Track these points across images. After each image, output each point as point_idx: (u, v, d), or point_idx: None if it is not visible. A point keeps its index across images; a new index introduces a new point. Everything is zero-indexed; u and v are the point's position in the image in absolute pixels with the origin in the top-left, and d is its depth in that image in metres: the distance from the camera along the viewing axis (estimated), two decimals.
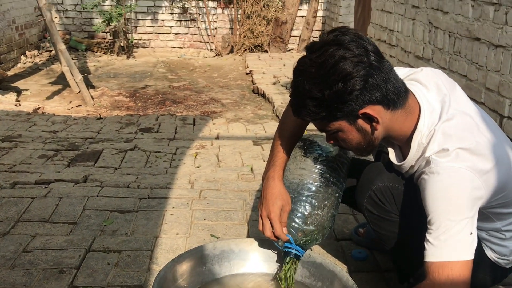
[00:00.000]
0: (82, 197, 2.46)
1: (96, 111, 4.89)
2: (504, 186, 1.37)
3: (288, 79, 5.79)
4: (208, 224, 2.24)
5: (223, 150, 3.41)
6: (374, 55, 1.28)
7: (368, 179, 1.54)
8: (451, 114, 1.35)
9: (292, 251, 1.54)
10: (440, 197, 1.28)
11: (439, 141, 1.32)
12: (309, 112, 1.33)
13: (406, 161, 1.42)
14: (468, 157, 1.29)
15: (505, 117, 2.80)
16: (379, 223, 1.54)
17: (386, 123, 1.35)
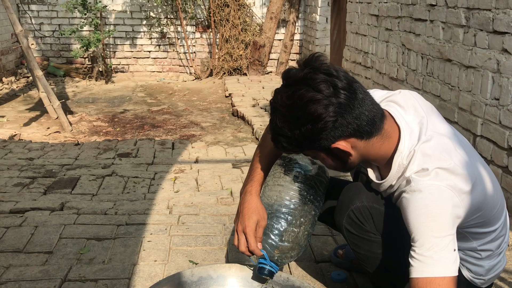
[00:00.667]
0: (58, 225, 2.42)
1: (74, 137, 4.85)
2: (480, 206, 1.39)
3: (267, 102, 5.84)
4: (187, 250, 2.22)
5: (202, 174, 3.41)
6: (344, 92, 1.30)
7: (347, 199, 1.55)
8: (429, 135, 1.39)
9: (266, 267, 1.54)
10: (422, 214, 1.30)
11: (419, 161, 1.35)
12: (282, 146, 1.38)
13: (386, 180, 1.45)
14: (448, 176, 1.32)
15: (478, 136, 2.87)
16: (358, 243, 1.55)
17: (362, 151, 1.38)
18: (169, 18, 7.80)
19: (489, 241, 1.50)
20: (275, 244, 1.55)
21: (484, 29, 2.79)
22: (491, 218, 1.46)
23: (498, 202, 1.49)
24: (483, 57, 2.80)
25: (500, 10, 2.63)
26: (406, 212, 1.34)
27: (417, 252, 1.30)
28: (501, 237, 1.54)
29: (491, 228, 1.48)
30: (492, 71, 2.71)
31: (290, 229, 1.56)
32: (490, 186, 1.45)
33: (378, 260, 1.52)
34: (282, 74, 1.37)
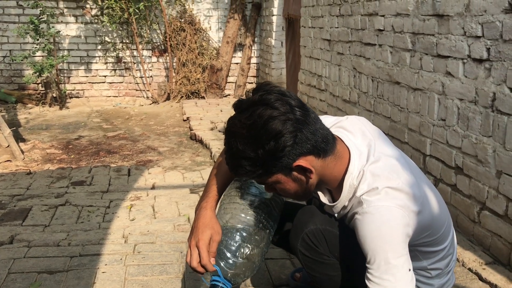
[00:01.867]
0: (7, 260, 2.33)
1: (26, 165, 4.70)
2: (429, 225, 1.44)
3: (225, 125, 5.86)
4: (143, 279, 2.18)
5: (159, 200, 3.37)
6: (299, 109, 1.35)
7: (301, 222, 1.58)
8: (377, 156, 1.44)
9: (219, 284, 1.52)
10: (376, 237, 1.34)
11: (369, 181, 1.40)
12: (245, 171, 1.38)
13: (339, 201, 1.48)
14: (397, 195, 1.37)
15: (427, 156, 2.97)
16: (313, 266, 1.58)
17: (319, 170, 1.42)
18: (125, 43, 7.76)
19: (438, 260, 1.55)
20: (229, 260, 1.55)
21: (429, 53, 2.91)
22: (439, 237, 1.51)
23: (445, 221, 1.54)
24: (429, 80, 2.91)
25: (442, 35, 2.76)
26: (359, 235, 1.38)
27: (375, 275, 1.33)
28: (450, 255, 1.59)
29: (440, 247, 1.53)
30: (438, 93, 2.82)
31: (244, 245, 1.56)
32: (437, 206, 1.50)
33: (333, 282, 1.54)
34: (234, 104, 1.40)
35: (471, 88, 2.51)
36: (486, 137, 2.41)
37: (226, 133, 1.39)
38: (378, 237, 1.34)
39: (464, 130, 2.59)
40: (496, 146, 2.34)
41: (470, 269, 2.29)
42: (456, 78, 2.64)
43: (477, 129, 2.48)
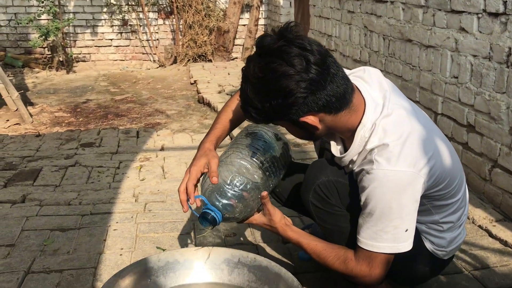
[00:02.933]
0: (20, 218, 2.36)
1: (35, 128, 4.71)
2: (441, 179, 1.43)
3: (233, 88, 5.81)
4: (154, 236, 2.20)
5: (168, 161, 3.37)
6: (316, 68, 1.30)
7: (312, 175, 1.57)
8: (391, 108, 1.42)
9: (211, 213, 1.51)
10: (379, 200, 1.35)
11: (379, 135, 1.39)
12: (251, 116, 1.38)
13: (348, 153, 1.47)
14: (407, 152, 1.35)
15: (439, 114, 2.93)
16: (324, 217, 1.57)
17: (329, 124, 1.40)
18: (131, 5, 7.63)
19: (450, 213, 1.54)
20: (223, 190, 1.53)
21: (442, 9, 2.83)
22: (451, 190, 1.50)
23: (458, 174, 1.53)
24: (442, 37, 2.84)
25: None
26: (364, 193, 1.39)
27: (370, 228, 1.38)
28: (461, 209, 1.58)
29: (452, 200, 1.52)
30: (451, 49, 2.76)
31: (240, 178, 1.54)
32: (449, 159, 1.48)
33: (344, 234, 1.55)
34: (256, 41, 1.37)
35: (486, 44, 2.45)
36: (500, 93, 2.36)
37: (242, 72, 1.38)
38: (381, 201, 1.35)
39: (477, 87, 2.54)
40: (510, 102, 2.30)
41: (480, 226, 2.29)
42: (470, 34, 2.58)
43: (490, 86, 2.43)
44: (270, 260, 1.65)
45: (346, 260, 1.44)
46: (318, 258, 1.51)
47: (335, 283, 1.84)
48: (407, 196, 1.36)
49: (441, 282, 1.84)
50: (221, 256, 1.70)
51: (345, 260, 1.44)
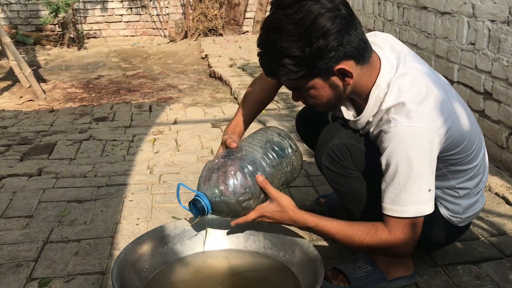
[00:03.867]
0: (37, 190, 2.39)
1: (48, 104, 4.73)
2: (458, 142, 1.41)
3: (244, 61, 5.76)
4: (169, 207, 2.22)
5: (182, 134, 3.37)
6: (344, 7, 1.30)
7: (325, 138, 1.55)
8: (407, 69, 1.40)
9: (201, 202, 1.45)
10: (400, 159, 1.32)
11: (395, 94, 1.37)
12: (286, 71, 1.32)
13: (362, 115, 1.46)
14: (424, 111, 1.34)
15: (455, 82, 2.88)
16: (338, 180, 1.56)
17: (355, 78, 1.38)
18: None
19: (467, 179, 1.53)
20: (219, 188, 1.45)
21: None
22: (469, 155, 1.47)
23: (476, 139, 1.51)
24: (458, 2, 2.77)
25: None
26: (384, 154, 1.36)
27: (393, 191, 1.35)
28: (479, 176, 1.56)
29: (469, 166, 1.50)
30: (468, 15, 2.69)
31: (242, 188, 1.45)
32: (467, 123, 1.46)
33: (358, 196, 1.54)
34: (274, 2, 1.33)
35: (504, 8, 2.38)
36: None
37: (267, 29, 1.31)
38: (401, 159, 1.32)
39: (495, 53, 2.48)
40: None
41: (497, 194, 2.27)
42: None
43: (509, 51, 2.37)
44: (285, 226, 1.65)
45: (377, 232, 1.38)
46: (346, 237, 1.42)
47: (351, 251, 1.84)
48: (426, 153, 1.33)
49: (457, 249, 1.84)
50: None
51: (376, 232, 1.38)
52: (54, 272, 1.72)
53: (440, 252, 1.80)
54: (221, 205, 1.46)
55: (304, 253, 1.54)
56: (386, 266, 1.61)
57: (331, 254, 1.82)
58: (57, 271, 1.73)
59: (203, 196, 1.46)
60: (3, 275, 1.70)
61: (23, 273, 1.71)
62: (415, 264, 1.67)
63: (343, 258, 1.77)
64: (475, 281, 1.65)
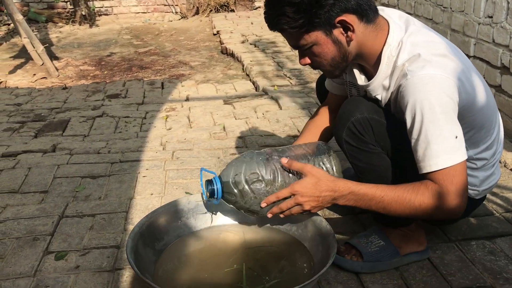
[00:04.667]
0: (51, 166, 2.41)
1: (61, 81, 4.75)
2: (474, 107, 1.39)
3: (256, 37, 5.71)
4: (183, 182, 2.23)
5: (194, 111, 3.37)
6: None
7: (346, 112, 1.51)
8: (417, 28, 1.41)
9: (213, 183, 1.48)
10: (422, 107, 1.30)
11: (408, 49, 1.36)
12: (287, 20, 1.35)
13: (376, 77, 1.45)
14: (442, 61, 1.33)
15: (471, 57, 2.82)
16: (358, 155, 1.52)
17: (360, 36, 1.39)
18: None
19: (485, 149, 1.51)
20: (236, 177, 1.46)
21: None
22: (486, 121, 1.47)
23: (492, 110, 1.50)
24: None
25: None
26: (405, 108, 1.34)
27: (422, 146, 1.32)
28: (495, 146, 1.54)
29: (487, 135, 1.49)
30: None
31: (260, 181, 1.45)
32: (483, 92, 1.45)
33: (378, 172, 1.50)
34: None
35: None
36: None
37: None
38: (424, 108, 1.29)
39: None
40: None
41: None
42: None
43: None
44: None
45: (427, 187, 1.31)
46: (394, 199, 1.34)
47: (363, 226, 1.84)
48: (447, 98, 1.30)
49: (471, 224, 1.83)
50: None
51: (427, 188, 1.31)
52: (70, 246, 1.75)
53: (454, 227, 1.79)
54: (230, 187, 1.46)
55: (316, 228, 1.55)
56: (399, 241, 1.61)
57: (343, 229, 1.82)
58: (73, 245, 1.75)
59: (218, 180, 1.48)
60: (21, 248, 1.73)
61: (40, 246, 1.74)
62: (428, 239, 1.67)
63: (355, 233, 1.77)
64: (489, 257, 1.64)
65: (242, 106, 3.43)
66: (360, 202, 1.38)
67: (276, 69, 4.43)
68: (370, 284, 1.52)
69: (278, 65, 4.56)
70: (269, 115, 3.16)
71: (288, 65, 4.54)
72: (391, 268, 1.59)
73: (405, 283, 1.53)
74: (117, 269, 1.62)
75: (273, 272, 1.49)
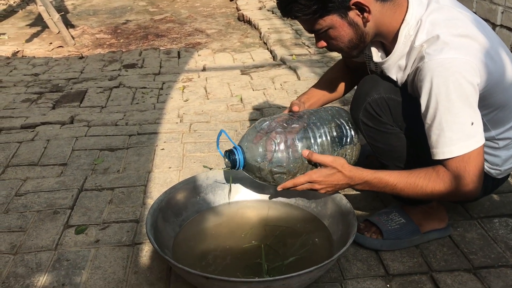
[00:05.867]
0: (70, 138, 2.42)
1: (77, 50, 4.74)
2: (498, 86, 1.34)
3: (274, 3, 5.59)
4: (200, 156, 2.22)
5: (211, 81, 3.34)
6: None
7: (363, 92, 1.47)
8: (439, 6, 1.34)
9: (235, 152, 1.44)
10: (438, 93, 1.25)
11: (427, 29, 1.31)
12: (300, 7, 1.31)
13: (391, 55, 1.40)
14: (463, 42, 1.26)
15: (498, 26, 2.72)
16: (375, 136, 1.49)
17: (376, 16, 1.34)
18: None
19: (508, 129, 1.46)
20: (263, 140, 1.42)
21: None
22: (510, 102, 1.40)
23: None
24: None
25: None
26: (422, 92, 1.29)
27: (436, 133, 1.28)
28: None
29: (510, 114, 1.43)
30: None
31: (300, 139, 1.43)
32: (510, 66, 1.38)
33: (395, 152, 1.48)
34: None
35: None
36: None
37: None
38: (441, 93, 1.25)
39: None
40: None
41: None
42: None
43: None
44: None
45: (439, 174, 1.29)
46: (407, 186, 1.33)
47: (383, 202, 1.82)
48: (466, 85, 1.24)
49: (494, 201, 1.80)
50: None
51: (438, 175, 1.29)
52: (90, 219, 1.76)
53: (476, 205, 1.76)
54: (254, 168, 1.44)
55: (336, 206, 1.53)
56: (419, 219, 1.58)
57: (362, 205, 1.80)
58: (92, 218, 1.77)
59: (240, 150, 1.45)
60: (42, 221, 1.75)
61: (60, 220, 1.76)
62: (449, 217, 1.65)
63: (375, 209, 1.75)
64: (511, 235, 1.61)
65: (259, 76, 3.38)
66: (375, 188, 1.39)
67: (295, 37, 4.34)
68: (390, 262, 1.51)
69: (296, 33, 4.47)
70: (287, 86, 3.11)
71: (307, 33, 4.45)
72: (411, 246, 1.57)
73: (425, 261, 1.51)
74: (137, 244, 1.63)
75: (292, 249, 1.48)
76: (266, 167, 1.42)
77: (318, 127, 1.47)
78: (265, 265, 1.41)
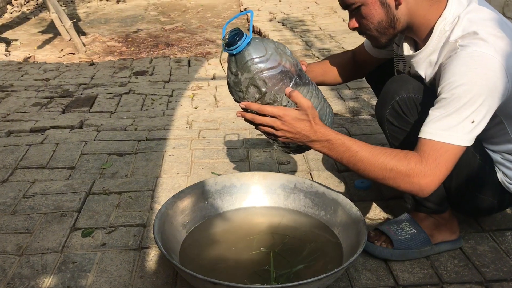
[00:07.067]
0: (79, 142, 2.42)
1: (88, 57, 4.77)
2: None
3: (284, 15, 5.62)
4: (209, 162, 2.21)
5: (220, 90, 3.34)
6: None
7: (392, 90, 1.44)
8: (479, 7, 1.32)
9: (242, 36, 1.27)
10: (457, 81, 1.21)
11: (464, 26, 1.28)
12: None
13: (424, 48, 1.37)
14: (499, 43, 1.23)
15: None
16: (398, 136, 1.46)
17: (411, 3, 1.32)
18: None
19: None
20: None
21: None
22: None
23: None
24: None
25: None
26: (444, 79, 1.25)
27: (436, 114, 1.24)
28: None
29: None
30: None
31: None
32: None
33: None
34: None
35: None
36: None
37: None
38: (460, 80, 1.21)
39: None
40: None
41: None
42: None
43: None
44: (327, 186, 1.62)
45: (406, 156, 1.24)
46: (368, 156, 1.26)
47: (393, 212, 1.80)
48: (490, 84, 1.20)
49: (506, 214, 1.77)
50: (277, 182, 1.69)
51: (406, 156, 1.24)
52: (97, 223, 1.75)
53: (488, 217, 1.73)
54: (242, 63, 1.28)
55: (346, 214, 1.51)
56: (431, 229, 1.56)
57: (372, 214, 1.78)
58: (100, 222, 1.76)
59: (248, 40, 1.28)
60: (49, 223, 1.74)
61: (67, 222, 1.75)
62: (460, 229, 1.62)
63: (386, 219, 1.73)
64: None
65: None
66: (334, 151, 1.30)
67: (305, 49, 4.35)
68: (400, 272, 1.49)
69: (306, 44, 4.48)
70: None
71: (317, 45, 4.46)
72: (421, 257, 1.54)
73: (436, 272, 1.49)
74: (143, 248, 1.61)
75: (300, 257, 1.46)
76: (252, 72, 1.28)
77: (318, 94, 1.42)
78: (273, 272, 1.39)
